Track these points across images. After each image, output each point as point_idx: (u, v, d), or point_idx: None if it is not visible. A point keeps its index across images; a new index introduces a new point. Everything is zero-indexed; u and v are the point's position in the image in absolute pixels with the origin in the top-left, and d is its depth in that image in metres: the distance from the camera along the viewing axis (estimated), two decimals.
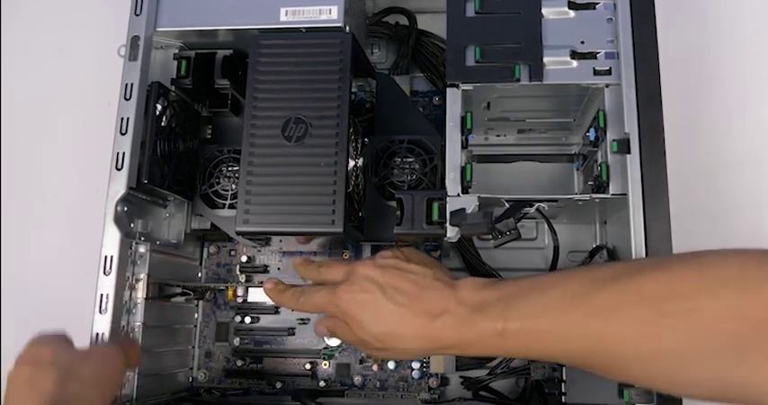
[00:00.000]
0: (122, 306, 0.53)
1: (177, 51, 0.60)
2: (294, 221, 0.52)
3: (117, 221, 0.53)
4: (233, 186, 0.61)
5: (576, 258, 0.65)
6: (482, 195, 0.51)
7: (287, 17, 0.56)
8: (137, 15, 0.56)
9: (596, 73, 0.53)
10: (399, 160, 0.60)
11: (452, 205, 0.52)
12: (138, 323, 0.56)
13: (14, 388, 0.43)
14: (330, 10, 0.55)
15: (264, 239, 0.64)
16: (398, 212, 0.53)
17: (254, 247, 0.67)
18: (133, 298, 0.56)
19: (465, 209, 0.51)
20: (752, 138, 0.68)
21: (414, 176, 0.59)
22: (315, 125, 0.53)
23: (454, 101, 0.54)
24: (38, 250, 0.74)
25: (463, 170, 0.53)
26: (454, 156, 0.53)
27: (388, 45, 0.72)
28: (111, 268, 0.52)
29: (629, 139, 0.51)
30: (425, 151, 0.59)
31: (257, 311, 0.67)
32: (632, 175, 0.50)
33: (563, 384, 0.53)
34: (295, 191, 0.53)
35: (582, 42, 0.54)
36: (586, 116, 0.61)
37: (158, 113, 0.56)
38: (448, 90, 0.54)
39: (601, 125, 0.53)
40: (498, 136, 0.69)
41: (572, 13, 0.55)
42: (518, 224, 0.52)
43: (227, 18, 0.57)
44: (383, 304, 0.48)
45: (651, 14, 0.53)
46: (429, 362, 0.63)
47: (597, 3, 0.54)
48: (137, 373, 0.55)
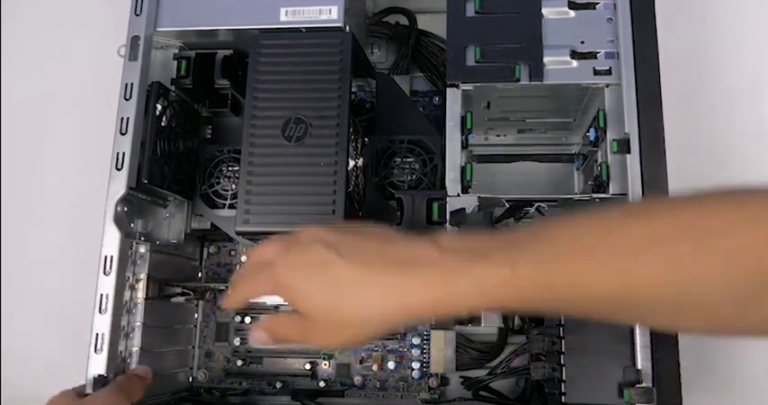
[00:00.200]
0: (122, 306, 0.54)
1: (177, 51, 0.60)
2: (294, 221, 0.52)
3: (117, 221, 0.53)
4: (233, 186, 0.61)
5: None
6: (482, 195, 0.52)
7: (287, 17, 0.56)
8: (137, 15, 0.56)
9: (596, 73, 0.53)
10: (399, 160, 0.60)
11: (452, 205, 0.52)
12: (138, 323, 0.56)
13: None
14: (330, 10, 0.55)
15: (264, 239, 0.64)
16: (398, 212, 0.53)
17: (254, 247, 0.67)
18: (133, 298, 0.56)
19: (465, 209, 0.51)
20: (752, 138, 0.68)
21: (414, 176, 0.59)
22: (315, 125, 0.53)
23: (454, 101, 0.54)
24: (38, 250, 0.73)
25: (463, 170, 0.53)
26: (454, 156, 0.53)
27: (388, 45, 0.72)
28: (111, 268, 0.52)
29: (629, 139, 0.51)
30: (425, 151, 0.59)
31: (257, 311, 0.67)
32: (632, 175, 0.50)
33: (563, 384, 0.53)
34: (295, 191, 0.53)
35: (582, 42, 0.54)
36: (586, 116, 0.61)
37: (158, 113, 0.56)
38: (448, 90, 0.54)
39: (601, 125, 0.53)
40: (498, 136, 0.69)
41: (572, 13, 0.55)
42: (518, 224, 0.52)
43: (227, 18, 0.57)
44: (339, 265, 0.38)
45: (651, 14, 0.53)
46: (429, 362, 0.63)
47: (597, 3, 0.55)
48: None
